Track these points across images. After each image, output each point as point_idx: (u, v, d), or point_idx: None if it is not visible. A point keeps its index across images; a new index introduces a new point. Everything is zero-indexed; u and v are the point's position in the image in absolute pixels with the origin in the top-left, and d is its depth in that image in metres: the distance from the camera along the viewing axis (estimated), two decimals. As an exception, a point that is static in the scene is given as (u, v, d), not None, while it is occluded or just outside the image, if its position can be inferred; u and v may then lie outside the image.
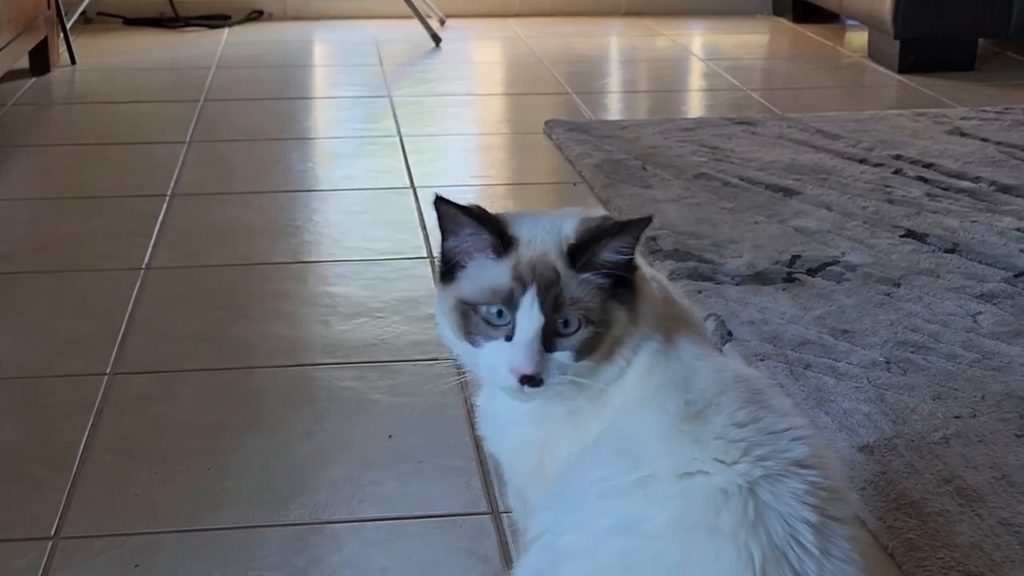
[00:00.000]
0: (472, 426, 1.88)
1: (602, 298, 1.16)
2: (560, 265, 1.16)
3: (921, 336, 2.13)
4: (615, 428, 1.18)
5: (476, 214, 1.18)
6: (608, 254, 1.16)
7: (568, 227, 1.19)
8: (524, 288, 1.15)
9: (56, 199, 2.97)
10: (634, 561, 1.10)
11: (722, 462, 1.11)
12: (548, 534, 1.16)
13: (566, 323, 1.16)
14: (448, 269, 1.21)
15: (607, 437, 1.18)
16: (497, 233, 1.18)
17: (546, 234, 1.19)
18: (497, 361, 1.17)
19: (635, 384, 1.20)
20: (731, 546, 1.08)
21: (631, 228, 1.16)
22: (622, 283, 1.18)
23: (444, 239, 1.20)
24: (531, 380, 1.15)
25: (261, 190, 3.02)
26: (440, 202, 1.18)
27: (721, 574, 1.08)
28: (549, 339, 1.15)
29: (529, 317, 1.15)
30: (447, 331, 1.21)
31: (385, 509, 1.69)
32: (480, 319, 1.17)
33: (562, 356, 1.16)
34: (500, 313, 1.16)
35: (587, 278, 1.16)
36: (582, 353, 1.16)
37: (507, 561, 1.57)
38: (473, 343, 1.19)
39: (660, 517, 1.10)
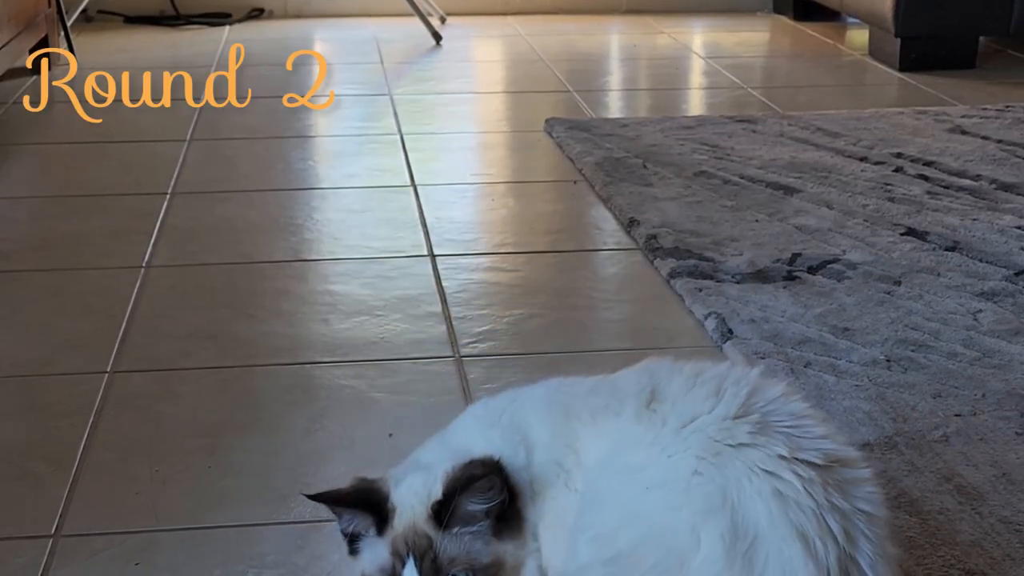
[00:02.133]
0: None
1: (484, 541, 1.22)
2: (429, 529, 1.22)
3: (921, 334, 2.13)
4: (599, 451, 1.25)
5: (349, 501, 1.26)
6: (471, 506, 1.22)
7: (439, 483, 1.24)
8: (403, 562, 1.21)
9: (56, 197, 2.97)
10: (675, 502, 1.17)
11: (707, 401, 1.24)
12: (584, 535, 1.21)
13: None
14: (350, 544, 1.28)
15: (599, 465, 1.24)
16: (372, 512, 1.24)
17: (417, 497, 1.24)
18: None
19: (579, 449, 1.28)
20: (758, 451, 1.19)
21: (478, 483, 1.21)
22: (503, 517, 1.23)
23: (337, 519, 1.29)
24: None
25: (262, 188, 3.02)
26: (314, 498, 1.27)
27: (761, 475, 1.16)
28: None
29: None
30: None
31: (385, 507, 1.69)
32: None
33: None
34: None
35: (458, 532, 1.21)
36: None
37: (507, 559, 1.57)
38: None
39: (686, 458, 1.18)
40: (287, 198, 2.97)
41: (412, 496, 1.25)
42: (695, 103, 3.93)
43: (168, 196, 2.91)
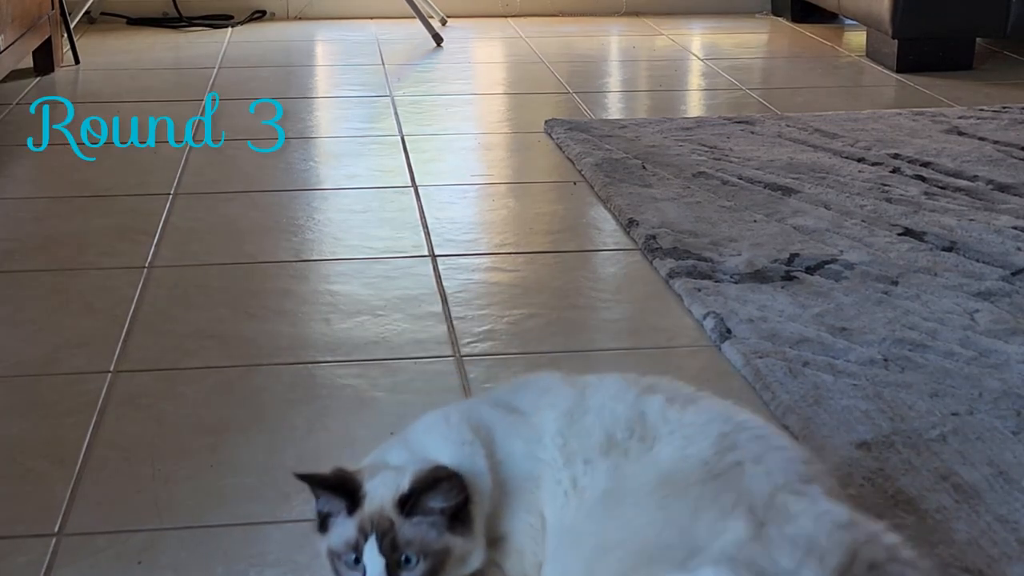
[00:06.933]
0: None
1: (437, 532, 1.38)
2: (394, 514, 1.38)
3: (919, 334, 2.14)
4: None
5: (329, 484, 1.42)
6: (432, 502, 1.38)
7: (406, 478, 1.40)
8: (366, 538, 1.38)
9: (60, 198, 2.98)
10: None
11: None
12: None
13: (407, 559, 1.38)
14: (321, 522, 1.44)
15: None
16: (347, 497, 1.40)
17: (386, 488, 1.40)
18: None
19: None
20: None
21: (441, 485, 1.38)
22: (458, 516, 1.40)
23: (315, 500, 1.44)
24: None
25: (263, 189, 3.03)
26: (300, 477, 1.43)
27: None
28: (394, 573, 1.38)
29: (372, 560, 1.37)
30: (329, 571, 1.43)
31: (386, 505, 1.70)
32: (343, 564, 1.40)
33: None
34: (356, 560, 1.39)
35: (417, 521, 1.38)
36: None
37: (507, 556, 1.58)
38: None
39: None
40: (289, 199, 2.98)
41: (383, 488, 1.41)
42: (694, 104, 3.94)
43: (171, 196, 2.93)
